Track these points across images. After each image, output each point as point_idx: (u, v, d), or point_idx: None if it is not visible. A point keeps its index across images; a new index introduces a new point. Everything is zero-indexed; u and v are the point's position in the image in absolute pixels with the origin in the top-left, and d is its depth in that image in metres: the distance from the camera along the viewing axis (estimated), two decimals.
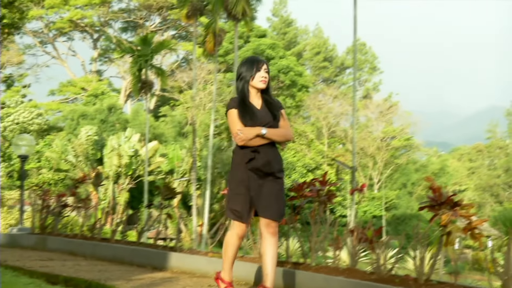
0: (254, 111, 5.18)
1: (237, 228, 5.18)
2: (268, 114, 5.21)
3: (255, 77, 5.24)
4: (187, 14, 33.45)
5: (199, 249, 8.75)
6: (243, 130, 5.05)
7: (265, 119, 5.16)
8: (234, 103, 5.22)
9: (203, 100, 52.23)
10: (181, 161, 42.87)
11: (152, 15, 65.60)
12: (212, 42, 32.48)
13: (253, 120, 5.11)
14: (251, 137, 5.05)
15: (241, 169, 5.14)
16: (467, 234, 5.16)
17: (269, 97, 5.36)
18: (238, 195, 5.14)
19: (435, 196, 5.33)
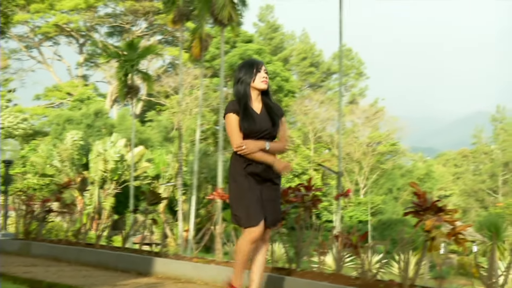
0: (254, 117, 5.08)
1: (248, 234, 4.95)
2: (268, 120, 5.13)
3: (256, 78, 5.17)
4: (173, 19, 33.43)
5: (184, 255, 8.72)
6: (248, 145, 4.96)
7: (264, 125, 5.09)
8: (233, 107, 5.11)
9: (189, 105, 52.20)
10: (167, 166, 42.79)
11: (138, 20, 65.56)
12: (198, 47, 32.50)
13: (251, 126, 5.01)
14: (255, 151, 4.98)
15: (241, 174, 5.04)
16: (451, 239, 5.18)
17: (269, 100, 5.30)
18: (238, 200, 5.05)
19: (419, 202, 5.35)
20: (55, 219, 11.75)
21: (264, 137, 5.05)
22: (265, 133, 5.06)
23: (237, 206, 5.05)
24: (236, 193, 5.10)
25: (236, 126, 5.02)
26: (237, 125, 5.02)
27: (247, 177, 5.03)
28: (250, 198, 4.99)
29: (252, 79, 5.16)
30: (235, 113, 5.06)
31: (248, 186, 5.02)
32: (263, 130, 5.06)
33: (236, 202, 5.08)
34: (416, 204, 5.36)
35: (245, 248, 5.01)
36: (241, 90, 5.16)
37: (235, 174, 5.12)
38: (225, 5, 29.79)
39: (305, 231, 6.59)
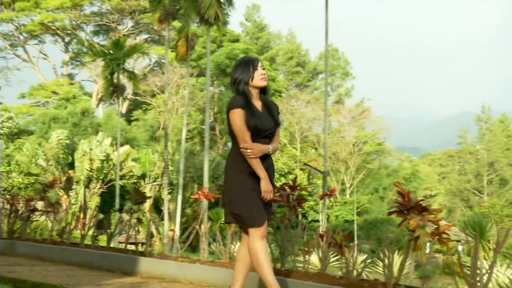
0: (259, 115, 4.97)
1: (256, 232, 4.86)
2: (270, 119, 5.04)
3: (255, 76, 5.04)
4: (159, 18, 33.37)
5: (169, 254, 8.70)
6: (254, 150, 4.85)
7: (268, 125, 5.01)
8: (239, 102, 4.94)
9: (176, 104, 52.15)
10: (153, 165, 42.72)
11: (124, 19, 65.36)
12: (184, 47, 32.48)
13: (258, 125, 4.91)
14: (260, 155, 4.90)
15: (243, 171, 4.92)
16: (435, 239, 5.19)
17: (268, 99, 5.21)
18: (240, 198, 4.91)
19: (403, 201, 5.37)
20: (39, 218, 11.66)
21: (266, 136, 4.99)
22: (268, 132, 5.00)
23: (240, 206, 4.91)
24: (238, 193, 4.94)
25: (244, 122, 4.88)
26: (243, 121, 4.89)
27: (249, 176, 4.92)
28: (254, 198, 4.89)
29: (250, 77, 5.04)
30: (241, 109, 4.91)
31: (252, 185, 4.91)
32: (267, 129, 4.99)
33: (239, 202, 4.92)
34: (400, 204, 5.37)
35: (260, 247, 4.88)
36: (240, 89, 5.04)
37: (237, 172, 4.98)
38: (211, 4, 29.76)
39: (291, 231, 6.59)
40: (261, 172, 4.88)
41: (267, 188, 4.88)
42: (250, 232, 4.91)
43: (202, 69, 53.86)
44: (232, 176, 5.00)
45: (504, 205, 56.44)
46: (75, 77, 69.87)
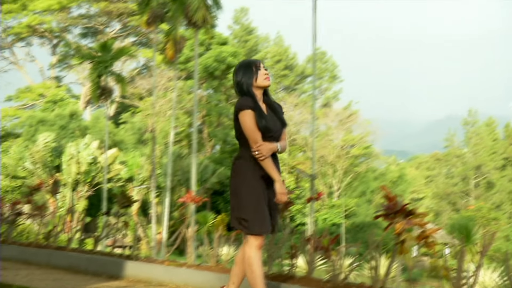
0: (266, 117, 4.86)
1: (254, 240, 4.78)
2: (276, 120, 4.96)
3: (258, 76, 4.96)
4: (147, 21, 33.31)
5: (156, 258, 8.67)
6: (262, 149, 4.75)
7: (276, 126, 4.93)
8: (249, 103, 4.83)
9: (163, 107, 52.06)
10: (140, 168, 42.62)
11: (112, 22, 65.23)
12: (172, 49, 32.43)
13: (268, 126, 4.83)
14: (270, 154, 4.81)
15: (253, 175, 4.83)
16: (421, 242, 5.21)
17: (271, 99, 5.11)
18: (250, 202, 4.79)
19: (390, 205, 5.37)
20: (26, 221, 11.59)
21: (274, 137, 4.90)
22: (277, 134, 4.92)
23: (248, 210, 4.77)
24: (248, 197, 4.81)
25: (253, 123, 4.78)
26: (254, 122, 4.79)
27: (259, 181, 4.84)
28: (263, 204, 4.80)
29: (254, 78, 4.96)
30: (251, 109, 4.81)
31: (261, 190, 4.83)
32: (275, 130, 4.91)
33: (248, 206, 4.79)
34: (387, 207, 5.38)
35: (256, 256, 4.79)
36: (245, 89, 4.95)
37: (247, 175, 4.87)
38: (199, 7, 29.77)
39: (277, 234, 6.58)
40: (275, 174, 4.81)
41: (282, 191, 4.79)
42: (248, 239, 4.80)
43: (190, 72, 53.79)
44: (242, 180, 4.89)
45: (491, 208, 56.78)
46: (63, 80, 69.68)
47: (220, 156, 54.29)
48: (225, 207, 47.23)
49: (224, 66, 55.29)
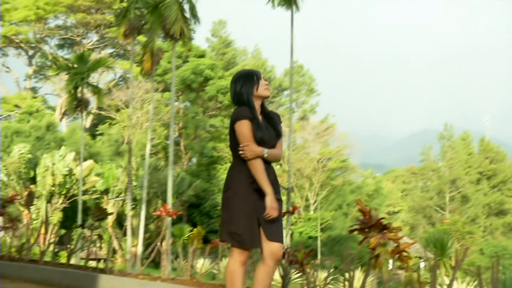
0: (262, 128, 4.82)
1: (239, 255, 4.73)
2: (272, 131, 4.91)
3: (260, 86, 4.92)
4: (124, 32, 33.21)
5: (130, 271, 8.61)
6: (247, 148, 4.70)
7: (271, 137, 4.88)
8: (246, 113, 4.80)
9: (140, 119, 51.92)
10: (116, 180, 42.35)
11: (89, 33, 64.97)
12: (149, 61, 32.36)
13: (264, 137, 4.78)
14: (254, 156, 4.70)
15: (246, 188, 4.74)
16: (395, 256, 5.23)
17: (268, 110, 5.05)
18: (241, 216, 4.70)
19: (364, 219, 5.38)
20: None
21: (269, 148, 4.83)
22: (271, 144, 4.85)
23: (239, 224, 4.70)
24: (240, 210, 4.73)
25: (250, 133, 4.74)
26: (251, 132, 4.74)
27: (252, 194, 4.74)
28: (255, 218, 4.72)
29: (255, 87, 4.91)
30: (249, 120, 4.78)
31: (253, 204, 4.73)
32: (270, 141, 4.86)
33: (240, 220, 4.71)
34: (361, 222, 5.39)
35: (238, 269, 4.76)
36: (244, 99, 4.91)
37: (239, 187, 4.78)
38: (177, 19, 29.75)
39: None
40: (267, 186, 4.70)
41: (272, 205, 4.68)
42: (233, 252, 4.76)
43: (167, 84, 53.71)
44: (234, 193, 4.80)
45: (466, 222, 57.14)
46: (39, 91, 69.15)
47: (196, 169, 54.16)
48: (201, 220, 47.10)
49: (201, 79, 55.27)
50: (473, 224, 63.79)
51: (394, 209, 76.65)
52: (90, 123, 59.62)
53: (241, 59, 73.18)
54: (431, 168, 77.50)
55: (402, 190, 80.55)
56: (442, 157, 77.81)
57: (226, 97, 56.22)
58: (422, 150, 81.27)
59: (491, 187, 71.87)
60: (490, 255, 50.19)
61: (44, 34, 63.53)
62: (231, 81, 5.06)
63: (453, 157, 74.11)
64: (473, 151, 76.02)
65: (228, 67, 67.42)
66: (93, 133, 58.20)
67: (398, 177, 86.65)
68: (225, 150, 54.51)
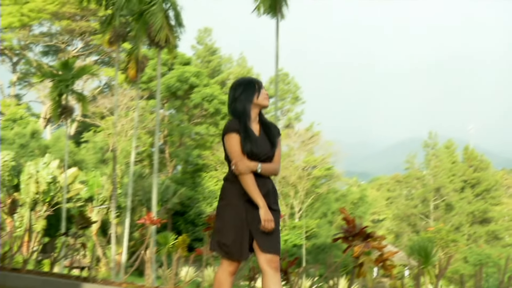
0: (255, 139, 4.77)
1: (228, 266, 4.71)
2: (267, 142, 4.85)
3: (260, 94, 4.89)
4: (109, 39, 33.15)
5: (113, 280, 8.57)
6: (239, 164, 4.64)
7: (265, 148, 4.80)
8: (235, 126, 4.75)
9: (125, 126, 51.76)
10: (101, 188, 42.17)
11: (74, 40, 64.77)
12: (134, 69, 32.31)
13: (254, 148, 4.71)
14: (247, 171, 4.64)
15: (238, 199, 4.71)
16: (379, 265, 5.24)
17: (267, 120, 5.03)
18: (231, 227, 4.68)
19: (348, 228, 5.40)
20: None
21: (263, 160, 4.77)
22: (265, 156, 4.79)
23: (228, 235, 4.69)
24: (230, 221, 4.71)
25: (238, 146, 4.70)
26: (239, 145, 4.70)
27: (244, 205, 4.70)
28: (245, 230, 4.69)
29: (256, 95, 4.87)
30: (237, 133, 4.73)
31: (245, 215, 4.69)
32: (264, 153, 4.78)
33: (229, 231, 4.70)
34: (345, 230, 5.40)
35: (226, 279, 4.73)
36: (241, 109, 4.84)
37: (231, 198, 4.76)
38: (162, 27, 29.74)
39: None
40: (259, 200, 4.64)
41: (266, 217, 4.63)
42: (223, 262, 4.74)
43: (153, 91, 53.61)
44: (226, 203, 4.80)
45: (450, 230, 57.39)
46: (23, 98, 68.76)
47: (181, 177, 54.07)
48: (186, 228, 46.99)
49: (186, 86, 55.27)
50: (457, 232, 64.08)
51: (379, 217, 76.81)
52: (74, 130, 59.38)
53: (226, 67, 73.23)
54: (416, 176, 77.76)
55: (387, 198, 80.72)
56: (426, 165, 78.10)
57: (212, 104, 56.22)
58: (406, 158, 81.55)
59: (475, 195, 72.23)
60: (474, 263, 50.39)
61: (29, 41, 63.28)
62: (230, 87, 5.03)
63: (437, 165, 74.43)
64: (457, 160, 76.38)
65: (213, 74, 67.45)
66: (78, 140, 57.94)
67: (383, 185, 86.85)
68: (210, 158, 54.47)
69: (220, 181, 53.04)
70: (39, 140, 50.04)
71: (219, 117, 58.33)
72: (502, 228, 70.25)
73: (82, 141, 57.59)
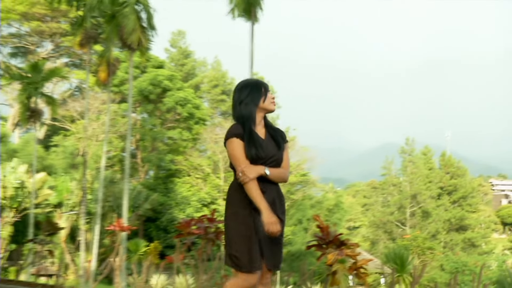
0: (260, 142, 4.66)
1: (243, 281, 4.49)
2: (273, 145, 4.75)
3: (267, 98, 4.78)
4: (80, 41, 33.04)
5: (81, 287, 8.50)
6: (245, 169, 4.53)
7: (271, 151, 4.70)
8: (237, 130, 4.67)
9: (96, 130, 51.44)
10: (70, 193, 41.88)
11: (44, 41, 64.29)
12: (105, 72, 32.23)
13: (259, 152, 4.61)
14: (254, 176, 4.54)
15: (244, 208, 4.58)
16: (353, 273, 5.24)
17: (271, 124, 4.94)
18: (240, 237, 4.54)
19: (322, 235, 5.39)
20: None
21: (269, 164, 4.67)
22: (271, 159, 4.69)
23: (237, 245, 4.54)
24: (237, 231, 4.58)
25: (241, 151, 4.60)
26: (242, 150, 4.60)
27: (251, 213, 4.57)
28: (254, 239, 4.54)
29: (262, 99, 4.76)
30: (239, 138, 4.64)
31: (253, 224, 4.55)
32: (270, 156, 4.68)
33: (237, 241, 4.56)
34: (319, 238, 5.39)
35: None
36: (246, 112, 4.74)
37: (237, 207, 4.64)
38: (134, 29, 29.67)
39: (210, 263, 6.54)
40: (261, 202, 4.52)
41: (269, 220, 4.48)
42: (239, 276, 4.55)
43: (125, 95, 53.36)
44: (232, 212, 4.69)
45: (426, 238, 57.73)
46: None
47: (153, 182, 53.83)
48: (158, 235, 46.77)
49: (159, 90, 55.09)
50: (433, 239, 64.52)
51: (355, 224, 77.17)
52: (43, 134, 58.86)
53: (201, 70, 73.23)
54: (392, 183, 78.17)
55: (363, 205, 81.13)
56: (403, 172, 78.53)
57: (185, 109, 56.09)
58: (383, 164, 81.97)
59: (451, 202, 72.83)
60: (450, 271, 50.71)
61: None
62: (235, 88, 4.92)
63: (414, 171, 74.87)
64: (434, 166, 76.96)
65: (187, 78, 67.42)
66: (47, 144, 57.48)
67: (359, 192, 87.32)
68: (183, 163, 54.32)
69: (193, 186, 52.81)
70: (7, 144, 49.55)
71: (193, 122, 58.22)
72: (479, 235, 70.93)
73: (51, 145, 57.13)
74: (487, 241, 72.67)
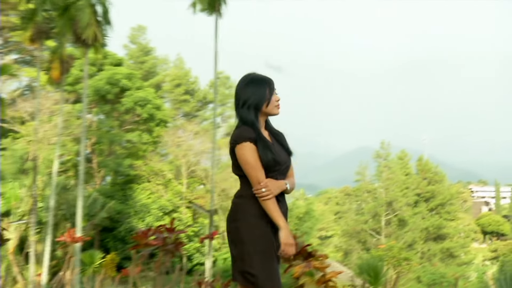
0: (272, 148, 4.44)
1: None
2: (283, 150, 4.57)
3: (271, 101, 4.56)
4: (31, 37, 32.70)
5: None
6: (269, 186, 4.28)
7: (284, 158, 4.52)
8: (249, 134, 4.42)
9: (48, 133, 50.97)
10: (19, 201, 41.44)
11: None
12: (58, 69, 31.97)
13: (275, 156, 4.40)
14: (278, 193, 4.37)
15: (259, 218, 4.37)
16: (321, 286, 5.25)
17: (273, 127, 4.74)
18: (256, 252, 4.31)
19: None
20: None
21: (280, 171, 4.48)
22: (285, 166, 4.51)
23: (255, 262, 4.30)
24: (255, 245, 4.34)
25: (256, 157, 4.34)
26: (257, 156, 4.34)
27: (267, 225, 4.38)
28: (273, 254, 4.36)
29: (265, 103, 4.54)
30: (252, 142, 4.38)
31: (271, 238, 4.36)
32: (284, 162, 4.49)
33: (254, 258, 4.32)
34: None
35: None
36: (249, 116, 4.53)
37: (250, 218, 4.42)
38: (89, 24, 29.47)
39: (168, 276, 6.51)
40: (280, 220, 4.32)
41: (288, 241, 4.33)
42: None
43: (79, 94, 52.99)
44: (244, 224, 4.44)
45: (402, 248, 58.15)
46: None
47: (111, 189, 53.48)
48: (115, 246, 46.49)
49: (117, 89, 54.75)
50: (410, 249, 65.03)
51: (327, 233, 77.52)
52: None
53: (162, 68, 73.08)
54: (367, 189, 78.64)
55: (336, 213, 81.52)
56: (378, 178, 79.01)
57: (145, 109, 55.84)
58: (357, 169, 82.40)
59: (429, 210, 73.52)
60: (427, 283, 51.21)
61: None
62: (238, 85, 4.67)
63: (389, 177, 75.39)
64: (411, 171, 77.55)
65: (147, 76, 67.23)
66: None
67: (331, 199, 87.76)
68: (142, 168, 54.08)
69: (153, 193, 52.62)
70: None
71: (153, 124, 57.99)
72: (458, 245, 71.60)
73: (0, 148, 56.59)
74: (467, 251, 73.40)
